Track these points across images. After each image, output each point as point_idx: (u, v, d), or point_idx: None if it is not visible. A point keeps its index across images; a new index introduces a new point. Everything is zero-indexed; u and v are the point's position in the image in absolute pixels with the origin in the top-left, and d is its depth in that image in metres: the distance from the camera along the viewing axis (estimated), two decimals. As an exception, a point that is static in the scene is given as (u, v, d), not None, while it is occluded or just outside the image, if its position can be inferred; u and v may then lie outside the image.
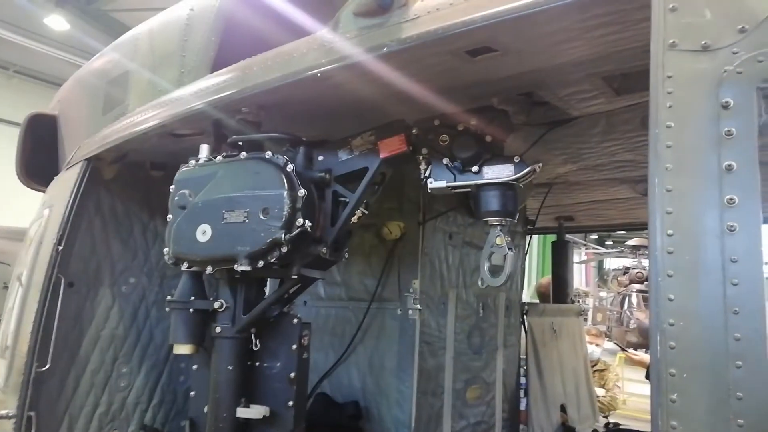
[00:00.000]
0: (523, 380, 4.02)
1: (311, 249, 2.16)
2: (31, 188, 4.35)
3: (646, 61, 1.77)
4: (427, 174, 2.12)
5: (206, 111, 2.25)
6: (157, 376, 3.21)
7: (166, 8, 3.31)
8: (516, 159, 2.02)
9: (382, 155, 2.16)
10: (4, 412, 2.65)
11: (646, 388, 11.38)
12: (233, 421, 2.09)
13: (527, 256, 4.33)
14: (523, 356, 4.08)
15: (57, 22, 16.61)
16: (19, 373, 2.69)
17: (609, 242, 28.40)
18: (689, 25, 1.21)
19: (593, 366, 6.13)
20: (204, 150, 2.30)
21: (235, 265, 2.02)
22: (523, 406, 3.99)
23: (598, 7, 1.42)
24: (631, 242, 18.71)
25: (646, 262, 19.34)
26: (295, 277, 2.14)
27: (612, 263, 25.35)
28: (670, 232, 1.14)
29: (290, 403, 2.12)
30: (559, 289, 5.17)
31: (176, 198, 2.24)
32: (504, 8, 1.44)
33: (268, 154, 2.12)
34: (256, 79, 2.06)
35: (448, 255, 3.35)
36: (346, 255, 2.39)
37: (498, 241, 2.02)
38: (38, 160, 4.26)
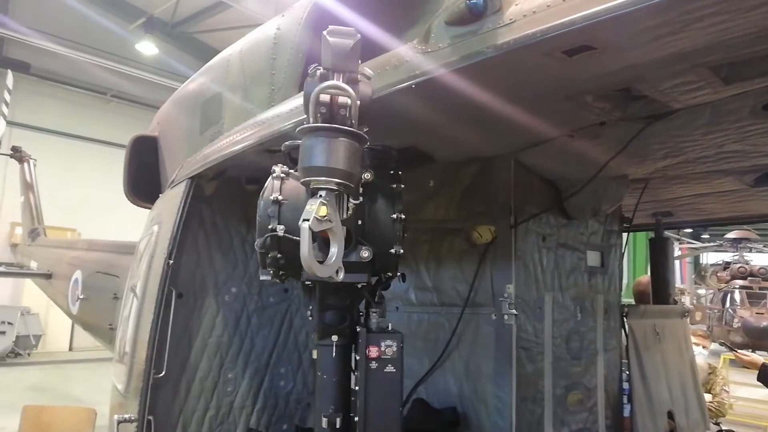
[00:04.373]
0: (626, 385, 3.85)
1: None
2: (138, 205, 4.68)
3: (759, 47, 1.66)
4: None
5: None
6: (259, 381, 3.35)
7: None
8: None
9: None
10: (127, 415, 2.86)
11: (754, 392, 10.60)
12: (321, 430, 2.08)
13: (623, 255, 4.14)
14: (624, 360, 3.91)
15: (147, 47, 17.78)
16: (139, 379, 2.89)
17: (705, 236, 26.64)
18: None
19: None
20: (276, 170, 2.22)
21: None
22: (627, 413, 3.82)
23: None
24: (730, 235, 17.34)
25: (748, 256, 17.98)
26: (308, 283, 2.03)
27: (709, 258, 23.77)
28: None
29: (355, 418, 2.00)
30: (659, 289, 4.89)
31: None
32: (607, 6, 1.39)
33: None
34: None
35: (542, 258, 3.27)
36: (366, 254, 1.97)
37: (321, 211, 1.48)
38: (142, 179, 4.57)
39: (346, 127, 1.54)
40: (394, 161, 2.15)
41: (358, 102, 1.59)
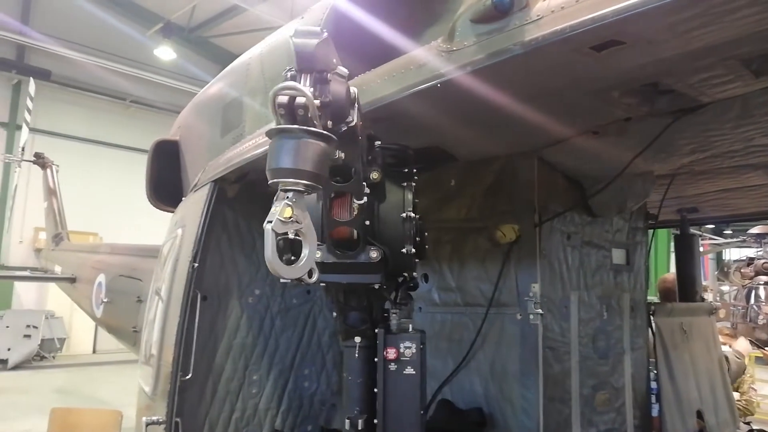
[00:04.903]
0: (653, 385, 3.79)
1: None
2: (160, 209, 4.70)
3: None
4: None
5: None
6: (284, 382, 3.35)
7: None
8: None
9: None
10: (155, 417, 2.88)
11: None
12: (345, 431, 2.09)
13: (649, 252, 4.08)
14: (652, 359, 3.86)
15: (165, 52, 17.97)
16: (166, 381, 2.90)
17: (728, 231, 26.18)
18: None
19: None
20: None
21: None
22: (655, 413, 3.76)
23: None
24: (754, 230, 16.98)
25: (773, 252, 17.57)
26: (322, 284, 2.04)
27: (732, 254, 23.36)
28: None
29: (374, 420, 1.99)
30: (685, 286, 4.81)
31: None
32: (636, 0, 1.37)
33: None
34: (373, 94, 2.08)
35: (567, 256, 3.24)
36: (375, 255, 1.98)
37: (285, 213, 1.48)
38: (164, 183, 4.60)
39: (308, 128, 1.50)
40: (409, 160, 2.13)
41: (317, 102, 1.54)
